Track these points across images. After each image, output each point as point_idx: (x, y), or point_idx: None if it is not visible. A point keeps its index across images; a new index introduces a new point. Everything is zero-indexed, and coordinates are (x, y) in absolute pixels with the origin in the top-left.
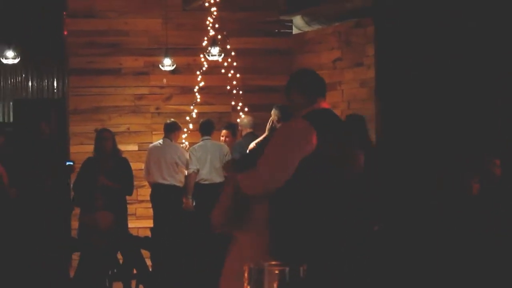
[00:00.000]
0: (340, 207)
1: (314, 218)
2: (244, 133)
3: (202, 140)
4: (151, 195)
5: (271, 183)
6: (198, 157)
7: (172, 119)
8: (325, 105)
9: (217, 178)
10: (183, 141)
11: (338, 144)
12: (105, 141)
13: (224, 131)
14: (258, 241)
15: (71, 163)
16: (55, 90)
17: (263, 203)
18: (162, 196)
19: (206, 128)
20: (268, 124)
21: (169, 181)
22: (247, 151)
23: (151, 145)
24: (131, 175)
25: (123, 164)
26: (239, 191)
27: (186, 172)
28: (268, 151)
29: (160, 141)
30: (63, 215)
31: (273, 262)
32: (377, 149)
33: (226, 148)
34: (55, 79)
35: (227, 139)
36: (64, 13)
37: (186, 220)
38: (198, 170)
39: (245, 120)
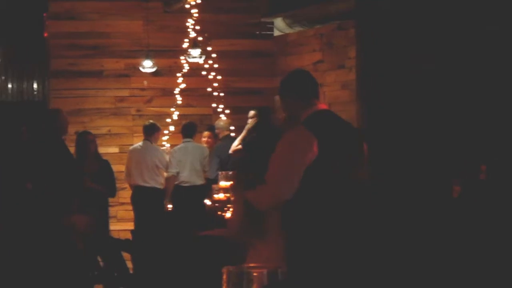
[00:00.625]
0: (346, 211)
1: (322, 225)
2: (221, 136)
3: (184, 142)
4: (132, 198)
5: (280, 197)
6: (179, 160)
7: (151, 121)
8: (322, 106)
9: (198, 181)
10: (164, 143)
11: (340, 149)
12: (89, 143)
13: (206, 133)
14: (275, 248)
15: None
16: (35, 92)
17: (277, 211)
18: (143, 199)
19: (188, 130)
20: (248, 124)
21: (150, 183)
22: (229, 152)
23: (131, 147)
24: (113, 178)
25: (105, 166)
26: (251, 205)
27: (165, 175)
28: (272, 165)
29: (140, 143)
30: (46, 218)
31: (252, 265)
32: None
33: (206, 151)
34: (35, 81)
35: (209, 140)
36: (45, 14)
37: (167, 222)
38: (177, 173)
39: (221, 123)
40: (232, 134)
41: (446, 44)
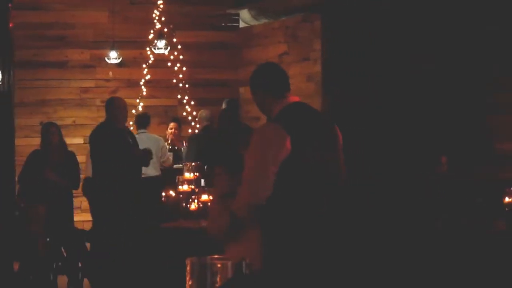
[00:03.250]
0: (323, 205)
1: (301, 221)
2: (201, 126)
3: (138, 133)
4: None
5: (258, 197)
6: None
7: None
8: (294, 98)
9: (153, 172)
10: None
11: (313, 142)
12: (51, 135)
13: (172, 124)
14: (248, 249)
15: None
16: (1, 83)
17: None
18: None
19: (142, 121)
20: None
21: None
22: None
23: None
24: (78, 169)
25: (70, 158)
26: (236, 217)
27: None
28: (247, 165)
29: None
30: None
31: (215, 256)
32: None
33: (162, 141)
34: (0, 72)
35: (175, 131)
36: (10, 5)
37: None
38: None
39: (204, 114)
40: None
41: (411, 36)
